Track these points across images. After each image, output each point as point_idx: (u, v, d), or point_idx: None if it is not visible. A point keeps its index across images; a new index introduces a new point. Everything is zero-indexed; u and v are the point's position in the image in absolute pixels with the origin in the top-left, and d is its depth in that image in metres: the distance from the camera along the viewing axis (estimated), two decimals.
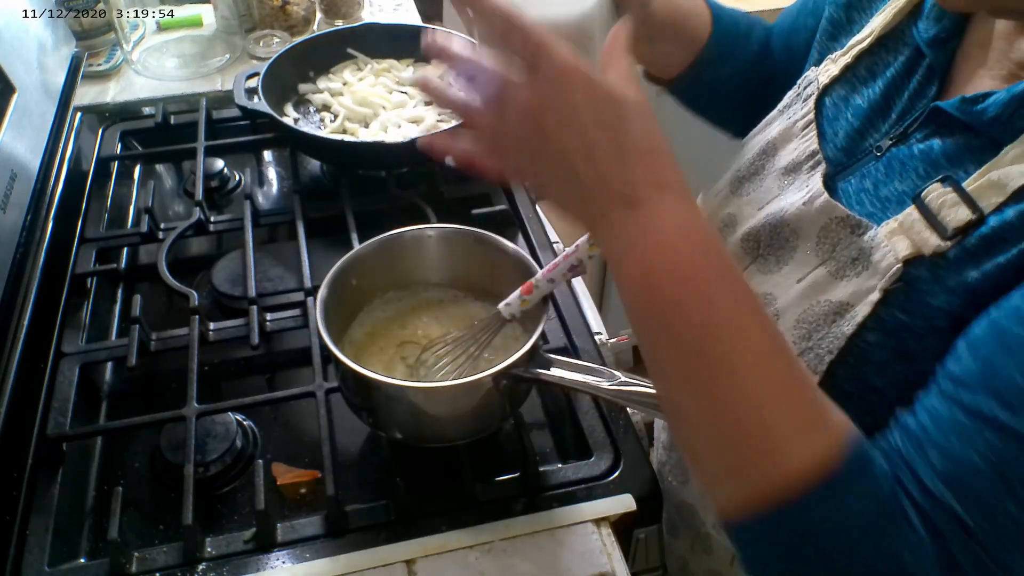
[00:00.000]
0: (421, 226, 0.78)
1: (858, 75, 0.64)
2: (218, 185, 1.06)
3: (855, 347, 0.54)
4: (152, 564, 0.65)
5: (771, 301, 0.61)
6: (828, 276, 0.57)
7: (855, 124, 0.63)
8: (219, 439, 0.73)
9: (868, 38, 0.64)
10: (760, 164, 0.68)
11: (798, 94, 0.69)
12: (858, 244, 0.55)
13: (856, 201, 0.59)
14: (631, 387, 0.62)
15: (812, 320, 0.57)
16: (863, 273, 0.54)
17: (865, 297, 0.54)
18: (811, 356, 0.56)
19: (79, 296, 0.88)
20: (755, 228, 0.64)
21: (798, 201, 0.61)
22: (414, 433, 0.70)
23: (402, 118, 1.06)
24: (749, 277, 0.64)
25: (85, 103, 1.17)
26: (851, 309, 0.55)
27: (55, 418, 0.74)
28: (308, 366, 0.77)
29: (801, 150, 0.65)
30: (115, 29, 1.22)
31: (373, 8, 1.45)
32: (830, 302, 0.56)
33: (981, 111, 0.52)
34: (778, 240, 0.62)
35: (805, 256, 0.59)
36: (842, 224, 0.57)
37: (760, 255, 0.64)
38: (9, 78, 0.88)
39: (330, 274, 0.71)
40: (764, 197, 0.66)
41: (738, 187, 0.70)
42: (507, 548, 0.66)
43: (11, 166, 0.84)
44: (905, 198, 0.55)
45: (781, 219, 0.62)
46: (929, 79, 0.59)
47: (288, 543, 0.67)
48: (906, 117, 0.59)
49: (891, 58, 0.62)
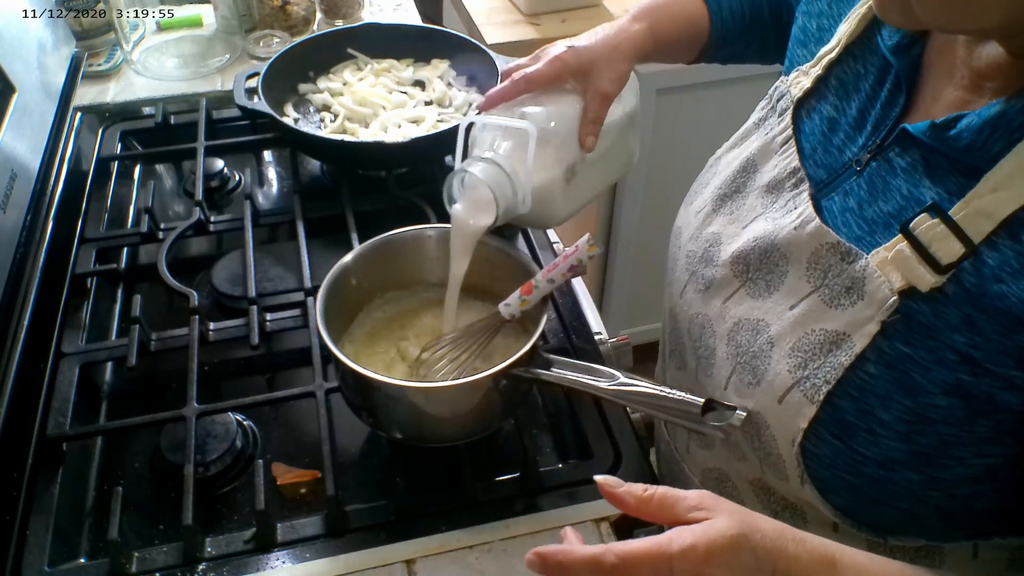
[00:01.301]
0: (421, 226, 0.78)
1: (830, 86, 0.64)
2: (218, 185, 1.06)
3: (856, 379, 0.54)
4: (152, 564, 0.65)
5: (763, 328, 0.60)
6: (821, 304, 0.56)
7: (832, 138, 0.62)
8: (219, 439, 0.73)
9: (836, 48, 0.63)
10: (741, 181, 0.68)
11: (772, 107, 0.69)
12: (850, 273, 0.54)
13: (842, 222, 0.58)
14: (631, 387, 0.62)
15: (807, 349, 0.56)
16: (858, 303, 0.54)
17: (862, 328, 0.53)
18: (807, 385, 0.56)
19: (79, 296, 0.88)
20: (744, 251, 0.64)
21: (788, 225, 0.60)
22: (414, 433, 0.70)
23: (402, 118, 1.06)
24: (739, 301, 0.63)
25: (85, 103, 1.17)
26: (847, 339, 0.54)
27: (55, 418, 0.74)
28: (308, 366, 0.77)
29: (782, 167, 0.64)
30: (115, 29, 1.22)
31: (373, 8, 1.45)
32: (825, 331, 0.55)
33: (955, 137, 0.51)
34: (767, 264, 0.62)
35: (796, 282, 0.59)
36: (832, 250, 0.56)
37: (750, 279, 0.63)
38: (9, 78, 0.88)
39: (330, 274, 0.71)
40: (747, 215, 0.66)
41: (720, 205, 0.69)
42: (507, 548, 0.66)
43: (11, 166, 0.84)
44: (891, 221, 0.54)
45: (772, 243, 0.61)
46: (898, 86, 0.58)
47: (288, 543, 0.67)
48: (880, 128, 0.59)
49: (860, 67, 0.62)
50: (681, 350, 0.73)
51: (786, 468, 0.59)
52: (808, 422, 0.55)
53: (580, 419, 0.76)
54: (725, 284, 0.65)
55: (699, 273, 0.69)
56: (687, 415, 0.59)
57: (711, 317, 0.67)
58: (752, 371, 0.60)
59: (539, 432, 0.78)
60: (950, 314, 0.50)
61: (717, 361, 0.64)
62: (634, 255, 1.79)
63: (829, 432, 0.55)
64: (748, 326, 0.62)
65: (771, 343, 0.59)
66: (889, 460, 0.53)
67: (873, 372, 0.53)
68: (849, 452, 0.55)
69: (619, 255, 1.79)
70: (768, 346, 0.59)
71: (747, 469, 0.67)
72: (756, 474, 0.65)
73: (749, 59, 0.86)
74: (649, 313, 1.88)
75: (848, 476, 0.56)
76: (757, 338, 0.60)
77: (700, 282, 0.68)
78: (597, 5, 1.55)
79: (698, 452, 0.74)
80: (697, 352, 0.69)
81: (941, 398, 0.51)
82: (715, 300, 0.66)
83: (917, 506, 0.56)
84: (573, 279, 0.93)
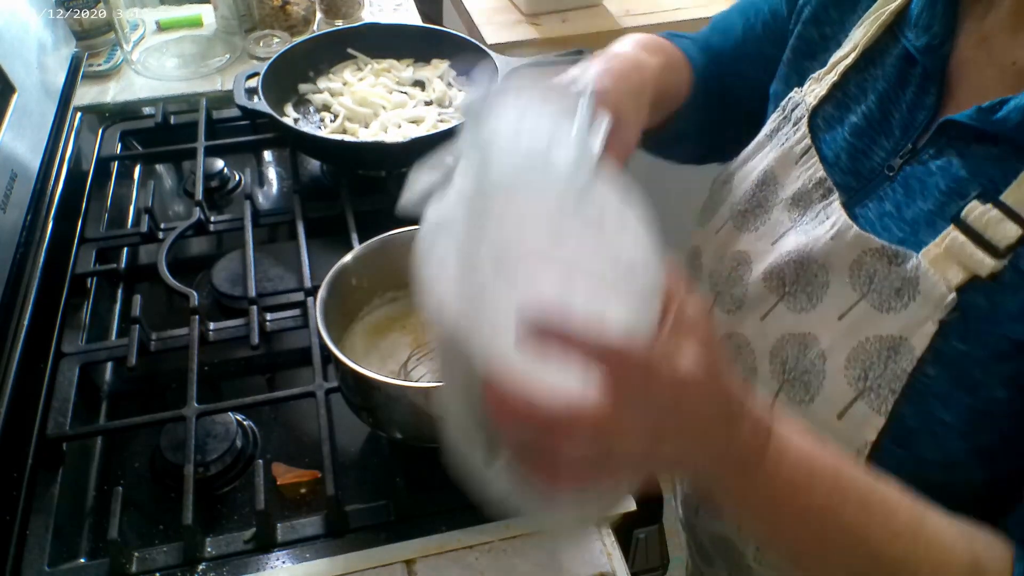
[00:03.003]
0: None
1: (848, 92, 0.62)
2: (218, 185, 1.06)
3: (916, 382, 0.52)
4: (152, 564, 0.65)
5: (813, 342, 0.58)
6: (871, 310, 0.54)
7: (855, 143, 0.61)
8: (219, 439, 0.73)
9: (852, 53, 0.62)
10: (762, 196, 0.66)
11: (785, 117, 0.67)
12: (899, 274, 0.53)
13: (881, 227, 0.56)
14: None
15: (865, 359, 0.54)
16: (911, 304, 0.52)
17: (918, 329, 0.52)
18: (872, 397, 0.54)
19: (79, 296, 0.88)
20: (777, 266, 0.61)
21: (824, 236, 0.58)
22: (414, 433, 0.70)
23: (402, 118, 1.06)
24: (779, 317, 0.61)
25: (85, 103, 1.17)
26: (905, 343, 0.52)
27: (55, 418, 0.74)
28: (308, 366, 0.77)
29: (806, 178, 0.62)
30: (115, 29, 1.22)
31: (373, 8, 1.45)
32: (880, 337, 0.54)
33: (1003, 119, 0.50)
34: (805, 276, 0.59)
35: (841, 291, 0.57)
36: (877, 255, 0.55)
37: (787, 293, 0.61)
38: (9, 78, 0.88)
39: (330, 274, 0.71)
40: (775, 231, 0.64)
41: (742, 222, 0.67)
42: (507, 548, 0.66)
43: (11, 166, 0.84)
44: (934, 218, 0.53)
45: (808, 255, 0.59)
46: (924, 88, 0.57)
47: (288, 543, 0.67)
48: (909, 130, 0.58)
49: (879, 71, 0.61)
50: None
51: None
52: (877, 434, 0.54)
53: None
54: (760, 301, 0.63)
55: (726, 293, 0.66)
56: None
57: (748, 336, 0.64)
58: (804, 387, 0.58)
59: None
60: (1008, 302, 0.49)
61: (760, 380, 0.62)
62: None
63: (893, 442, 0.54)
64: (794, 341, 0.59)
65: (823, 356, 0.57)
66: (952, 462, 0.53)
67: (931, 373, 0.52)
68: (913, 459, 0.53)
69: None
70: (820, 360, 0.57)
71: None
72: None
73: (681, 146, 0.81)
74: None
75: (912, 484, 0.53)
76: (807, 352, 0.58)
77: (729, 302, 0.66)
78: (597, 5, 1.55)
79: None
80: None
81: (1000, 390, 0.50)
82: (750, 318, 0.64)
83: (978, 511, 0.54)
84: None
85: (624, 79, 0.62)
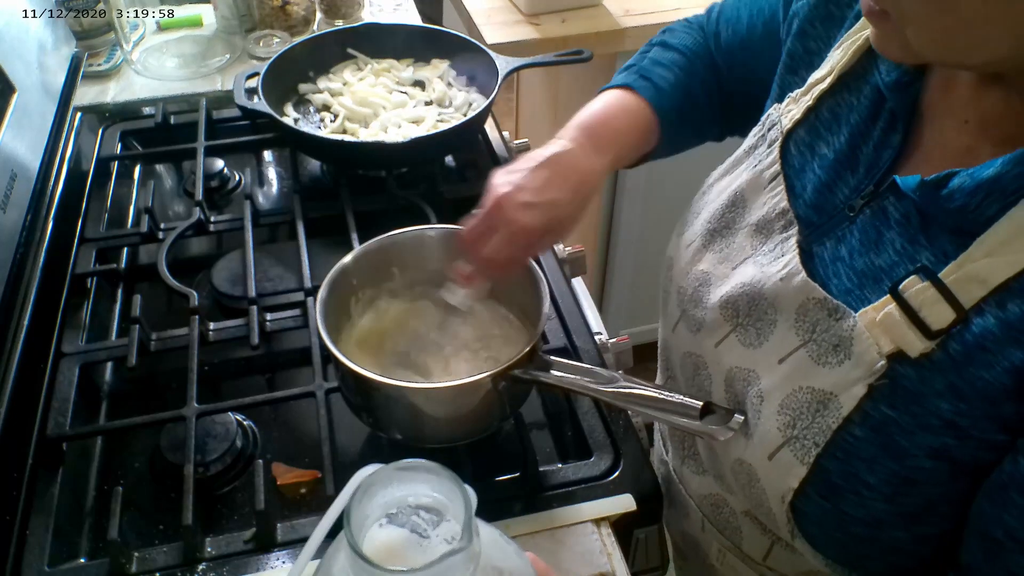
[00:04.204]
0: (421, 226, 0.78)
1: (821, 119, 0.61)
2: (218, 185, 1.06)
3: (842, 441, 0.52)
4: (152, 564, 0.65)
5: (755, 380, 0.59)
6: (810, 361, 0.55)
7: (822, 177, 0.60)
8: (219, 439, 0.73)
9: (828, 77, 0.61)
10: (731, 216, 0.66)
11: (762, 135, 0.66)
12: (837, 331, 0.53)
13: (832, 272, 0.56)
14: (630, 390, 0.62)
15: (796, 407, 0.55)
16: (845, 363, 0.52)
17: (849, 389, 0.52)
18: (797, 446, 0.54)
19: (79, 296, 0.88)
20: (733, 296, 0.62)
21: (774, 275, 0.58)
22: (414, 433, 0.70)
23: (402, 118, 1.06)
24: (731, 347, 0.62)
25: (85, 103, 1.17)
26: (835, 400, 0.52)
27: (55, 418, 0.74)
28: (308, 366, 0.78)
29: (771, 206, 0.62)
30: (115, 29, 1.22)
31: (373, 8, 1.45)
32: (812, 389, 0.54)
33: (947, 197, 0.49)
34: (756, 311, 0.60)
35: (786, 334, 0.57)
36: (819, 306, 0.54)
37: (740, 324, 0.61)
38: (9, 78, 0.88)
39: (330, 274, 0.71)
40: (737, 255, 0.64)
41: (710, 240, 0.67)
42: None
43: (11, 166, 0.84)
44: (882, 276, 0.53)
45: (759, 292, 0.59)
46: (892, 126, 0.56)
47: (288, 543, 0.66)
48: (873, 170, 0.57)
49: (854, 99, 0.59)
50: (675, 380, 0.73)
51: (776, 521, 0.58)
52: (799, 483, 0.54)
53: (580, 419, 0.76)
54: (716, 328, 0.64)
55: (689, 313, 0.68)
56: (686, 417, 0.59)
57: (706, 359, 0.66)
58: (747, 421, 0.59)
59: (539, 432, 0.78)
60: (935, 380, 0.48)
61: (714, 399, 0.63)
62: (634, 255, 1.80)
63: (817, 492, 0.54)
64: (741, 376, 0.61)
65: (761, 397, 0.58)
66: (876, 520, 0.53)
67: (858, 434, 0.52)
68: (837, 512, 0.54)
69: (619, 255, 1.79)
70: (759, 400, 0.58)
71: (738, 503, 0.67)
72: (748, 507, 0.65)
73: (689, 146, 0.82)
74: (649, 313, 1.88)
75: (837, 534, 0.55)
76: (749, 389, 0.59)
77: (691, 322, 0.67)
78: (597, 5, 1.55)
79: (693, 478, 0.74)
80: (690, 389, 0.68)
81: (926, 460, 0.49)
82: (707, 341, 0.65)
83: (906, 560, 0.55)
84: (573, 279, 0.93)
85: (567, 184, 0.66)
